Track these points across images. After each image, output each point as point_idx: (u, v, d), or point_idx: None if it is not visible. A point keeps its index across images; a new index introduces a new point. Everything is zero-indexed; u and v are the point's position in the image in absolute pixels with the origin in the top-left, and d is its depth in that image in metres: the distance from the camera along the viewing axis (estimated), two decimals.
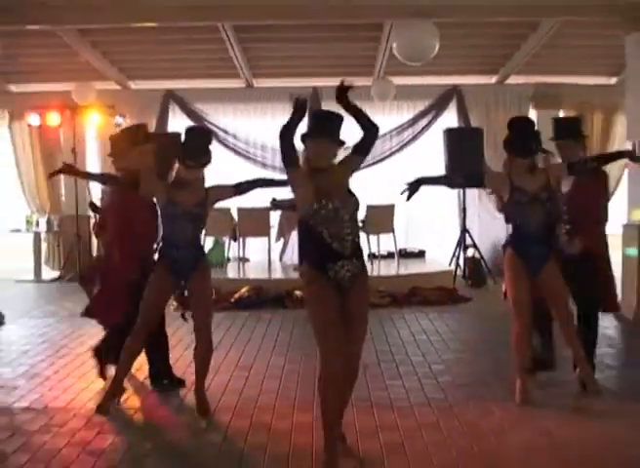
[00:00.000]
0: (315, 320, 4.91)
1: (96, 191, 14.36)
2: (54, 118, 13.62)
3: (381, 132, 14.65)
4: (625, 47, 10.21)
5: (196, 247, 6.22)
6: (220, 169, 13.67)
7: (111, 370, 6.72)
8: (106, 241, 7.07)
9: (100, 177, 7.21)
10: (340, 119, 5.28)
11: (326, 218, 4.93)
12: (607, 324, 9.51)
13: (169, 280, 6.18)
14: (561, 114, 14.25)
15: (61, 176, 14.32)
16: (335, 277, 4.92)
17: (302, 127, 5.13)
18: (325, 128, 5.16)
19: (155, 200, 6.20)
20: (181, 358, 7.67)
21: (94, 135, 14.50)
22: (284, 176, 5.32)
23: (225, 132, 14.40)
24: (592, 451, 5.21)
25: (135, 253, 6.63)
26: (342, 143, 5.16)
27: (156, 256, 6.38)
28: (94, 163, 14.60)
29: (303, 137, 5.10)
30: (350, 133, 5.33)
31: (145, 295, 6.16)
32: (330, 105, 13.44)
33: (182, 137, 5.91)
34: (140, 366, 7.57)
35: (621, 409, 6.12)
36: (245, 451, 5.33)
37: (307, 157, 5.09)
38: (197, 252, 6.22)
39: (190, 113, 14.36)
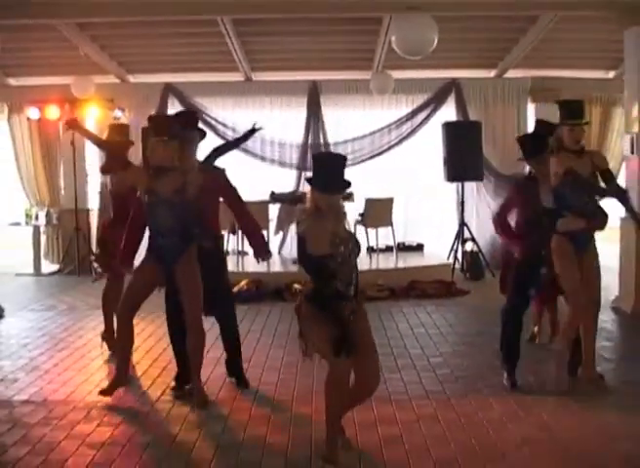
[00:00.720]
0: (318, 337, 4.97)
1: (94, 185, 14.41)
2: (53, 111, 13.59)
3: (380, 125, 14.78)
4: (624, 41, 10.19)
5: (180, 235, 6.17)
6: (220, 163, 13.78)
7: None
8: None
9: (96, 139, 7.30)
10: (344, 161, 5.19)
11: (338, 263, 4.94)
12: (605, 317, 9.53)
13: (154, 267, 6.23)
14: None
15: (61, 170, 14.34)
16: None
17: None
18: (335, 181, 5.02)
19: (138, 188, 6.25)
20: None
21: (93, 128, 14.46)
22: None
23: (224, 125, 14.36)
24: (590, 445, 5.22)
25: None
26: (349, 186, 5.07)
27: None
28: (92, 156, 14.56)
29: (311, 184, 5.02)
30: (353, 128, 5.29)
31: (130, 281, 6.25)
32: (328, 98, 13.46)
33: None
34: (139, 360, 7.61)
35: (619, 403, 6.13)
36: (244, 443, 5.34)
37: (317, 204, 4.98)
38: (181, 239, 6.17)
39: (189, 106, 14.31)
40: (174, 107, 14.34)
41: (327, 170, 5.05)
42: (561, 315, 7.46)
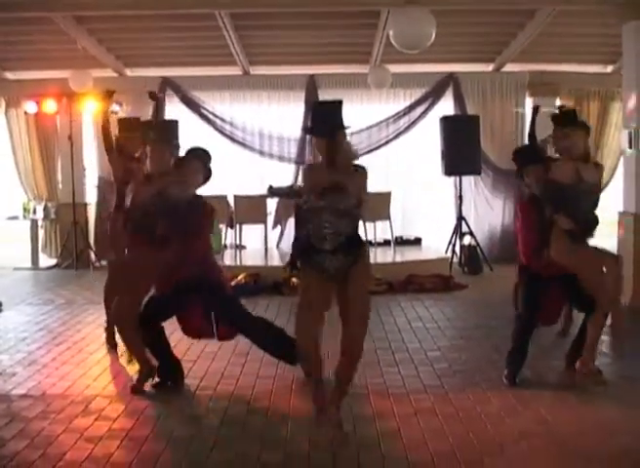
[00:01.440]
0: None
1: (91, 179, 14.40)
2: (50, 105, 13.58)
3: (378, 119, 14.78)
4: (622, 35, 10.19)
5: None
6: (218, 156, 13.77)
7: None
8: None
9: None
10: (339, 107, 5.24)
11: (309, 212, 5.00)
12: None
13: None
14: (557, 102, 14.27)
15: (59, 164, 14.32)
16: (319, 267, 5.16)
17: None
18: (325, 126, 5.10)
19: None
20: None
21: (90, 122, 14.45)
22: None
23: (222, 119, 14.35)
24: (588, 438, 5.23)
25: None
26: (345, 129, 5.17)
27: None
28: (90, 150, 14.56)
29: (307, 131, 5.18)
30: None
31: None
32: (325, 93, 13.45)
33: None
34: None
35: (617, 397, 6.14)
36: (242, 436, 5.35)
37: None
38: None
39: (187, 100, 14.31)
40: (171, 101, 14.34)
41: (318, 115, 5.23)
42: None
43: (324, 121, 5.17)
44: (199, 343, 7.69)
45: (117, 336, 7.33)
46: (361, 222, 5.63)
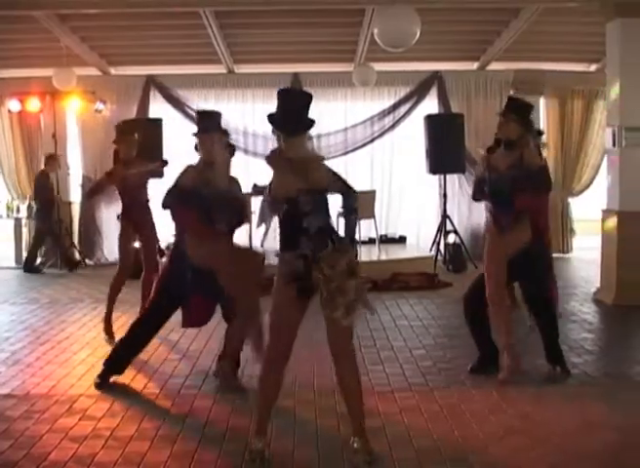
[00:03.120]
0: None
1: (76, 178, 14.35)
2: (34, 104, 13.53)
3: (362, 118, 14.79)
4: (606, 34, 10.23)
5: None
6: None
7: None
8: None
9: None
10: (307, 100, 5.04)
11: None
12: (586, 309, 9.60)
13: None
14: (542, 101, 14.33)
15: (42, 163, 14.26)
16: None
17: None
18: (289, 122, 4.85)
19: None
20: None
21: (74, 120, 14.41)
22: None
23: None
24: (571, 435, 5.25)
25: None
26: (311, 125, 4.93)
27: None
28: (74, 148, 14.52)
29: (271, 122, 4.87)
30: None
31: None
32: (310, 91, 13.39)
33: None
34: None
35: (600, 394, 6.17)
36: (227, 435, 5.35)
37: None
38: None
39: (171, 99, 14.29)
40: (155, 100, 14.32)
41: (282, 109, 4.87)
42: None
43: (287, 114, 4.88)
44: (184, 342, 7.71)
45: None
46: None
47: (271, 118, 4.87)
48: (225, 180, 6.36)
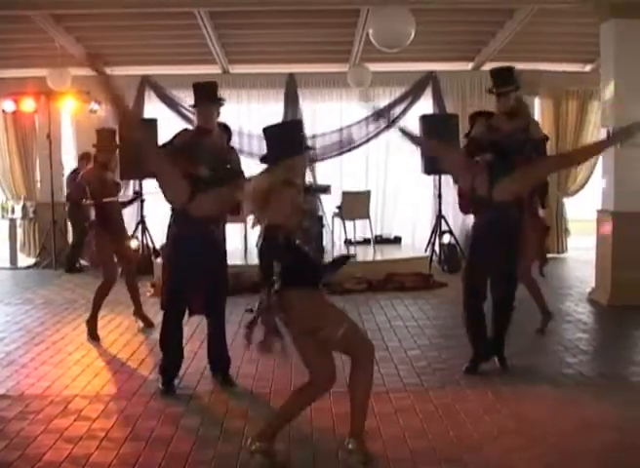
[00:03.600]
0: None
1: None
2: (29, 104, 13.51)
3: (358, 118, 14.75)
4: (600, 35, 10.24)
5: None
6: None
7: None
8: None
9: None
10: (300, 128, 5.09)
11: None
12: (581, 309, 9.62)
13: None
14: (536, 101, 14.35)
15: (37, 163, 14.25)
16: None
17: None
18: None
19: None
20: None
21: (69, 120, 14.40)
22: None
23: None
24: (567, 435, 5.26)
25: None
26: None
27: None
28: (69, 149, 14.50)
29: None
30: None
31: None
32: (305, 91, 13.39)
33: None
34: (116, 354, 7.58)
35: (595, 394, 6.18)
36: (222, 436, 5.34)
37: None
38: None
39: (166, 99, 14.28)
40: (150, 100, 14.31)
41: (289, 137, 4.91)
42: None
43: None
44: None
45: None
46: (340, 221, 5.56)
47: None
48: (221, 149, 6.59)
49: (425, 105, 14.44)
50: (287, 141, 4.81)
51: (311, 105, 14.62)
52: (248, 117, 14.45)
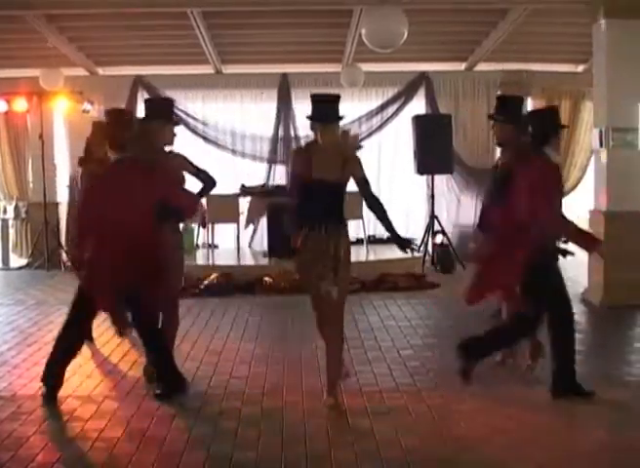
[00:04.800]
0: None
1: (63, 178, 14.30)
2: (21, 104, 13.44)
3: (350, 119, 14.78)
4: (593, 34, 10.26)
5: None
6: (190, 156, 13.71)
7: None
8: None
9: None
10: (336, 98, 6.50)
11: None
12: (574, 309, 9.59)
13: None
14: (529, 101, 14.35)
15: (29, 164, 14.21)
16: None
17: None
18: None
19: None
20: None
21: (61, 121, 14.36)
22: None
23: (195, 118, 14.33)
24: (560, 435, 5.28)
25: None
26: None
27: None
28: (61, 149, 14.47)
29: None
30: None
31: None
32: (298, 91, 13.43)
33: None
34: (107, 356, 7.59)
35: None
36: (215, 437, 5.34)
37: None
38: None
39: None
40: (143, 100, 14.26)
41: (318, 104, 6.35)
42: None
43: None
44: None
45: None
46: None
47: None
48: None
49: (418, 106, 14.45)
50: None
51: (304, 105, 14.59)
52: (241, 117, 14.46)
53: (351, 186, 6.06)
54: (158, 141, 6.51)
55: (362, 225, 13.26)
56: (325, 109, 6.30)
